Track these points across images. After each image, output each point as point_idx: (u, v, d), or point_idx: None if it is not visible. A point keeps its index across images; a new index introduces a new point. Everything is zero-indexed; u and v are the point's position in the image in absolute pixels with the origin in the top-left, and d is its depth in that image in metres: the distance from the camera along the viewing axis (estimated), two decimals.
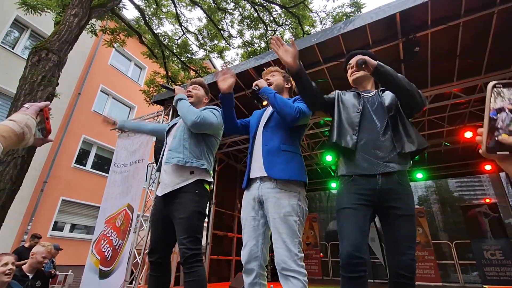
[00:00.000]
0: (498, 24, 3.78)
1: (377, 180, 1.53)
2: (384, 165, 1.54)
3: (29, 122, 0.77)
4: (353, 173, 1.60)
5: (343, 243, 1.47)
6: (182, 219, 1.74)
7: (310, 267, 8.65)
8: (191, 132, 2.00)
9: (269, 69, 2.11)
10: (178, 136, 2.00)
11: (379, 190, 1.52)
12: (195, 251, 1.69)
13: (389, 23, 3.94)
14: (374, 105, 1.74)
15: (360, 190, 1.55)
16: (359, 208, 1.53)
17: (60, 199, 9.66)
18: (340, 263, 1.46)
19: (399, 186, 1.52)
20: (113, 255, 4.90)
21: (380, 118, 1.67)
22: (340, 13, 7.19)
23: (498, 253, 6.67)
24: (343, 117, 1.74)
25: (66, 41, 4.64)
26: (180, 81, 9.04)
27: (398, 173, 1.54)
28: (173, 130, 2.13)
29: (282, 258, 1.49)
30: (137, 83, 13.53)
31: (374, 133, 1.63)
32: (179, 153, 1.91)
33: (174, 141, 1.99)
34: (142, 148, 5.65)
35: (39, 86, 3.94)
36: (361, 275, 1.39)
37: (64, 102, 9.90)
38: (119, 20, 7.77)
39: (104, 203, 5.79)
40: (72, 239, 9.72)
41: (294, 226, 1.57)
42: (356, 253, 1.39)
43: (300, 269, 1.48)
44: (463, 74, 4.67)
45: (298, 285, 1.44)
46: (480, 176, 8.61)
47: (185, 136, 1.99)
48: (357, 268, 1.39)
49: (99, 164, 11.41)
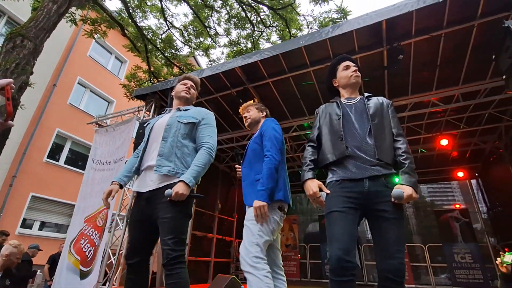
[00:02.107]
0: (477, 37, 3.95)
1: (364, 183, 1.55)
2: (371, 169, 1.57)
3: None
4: (341, 178, 1.62)
5: (333, 247, 1.46)
6: (167, 219, 1.64)
7: (289, 268, 8.68)
8: (186, 139, 1.89)
9: (244, 105, 2.40)
10: (170, 142, 1.85)
11: (366, 193, 1.54)
12: (179, 252, 1.61)
13: (375, 30, 4.03)
14: (357, 111, 1.77)
15: (348, 193, 1.57)
16: (348, 211, 1.53)
17: (30, 195, 9.14)
18: (329, 267, 1.45)
19: (386, 189, 1.54)
20: (93, 255, 4.72)
21: (362, 123, 1.71)
22: (326, 18, 7.28)
23: (467, 256, 7.00)
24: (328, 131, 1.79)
25: (43, 28, 4.39)
26: (163, 77, 8.81)
27: (385, 176, 1.57)
28: (159, 128, 1.93)
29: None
30: (117, 76, 13.08)
31: (358, 138, 1.67)
32: (169, 162, 1.78)
33: (165, 145, 1.83)
34: (124, 145, 5.45)
35: (12, 74, 3.69)
36: (350, 279, 1.39)
37: (38, 93, 9.40)
38: (101, 11, 7.47)
39: (81, 201, 5.53)
40: (41, 237, 9.20)
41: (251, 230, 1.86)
42: (346, 257, 1.39)
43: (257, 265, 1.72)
44: (442, 83, 4.85)
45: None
46: (450, 183, 9.03)
47: (178, 144, 1.85)
48: (346, 272, 1.39)
49: (73, 160, 10.91)
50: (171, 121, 1.93)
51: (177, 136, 1.86)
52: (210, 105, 5.82)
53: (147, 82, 8.64)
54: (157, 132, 1.93)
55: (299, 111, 5.85)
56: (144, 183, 1.82)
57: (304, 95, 5.43)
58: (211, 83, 5.30)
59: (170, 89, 5.24)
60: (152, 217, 1.72)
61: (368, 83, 4.89)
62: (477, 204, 8.12)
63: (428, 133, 6.59)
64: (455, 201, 8.84)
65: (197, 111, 2.02)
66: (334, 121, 1.78)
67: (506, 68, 3.14)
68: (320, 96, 5.31)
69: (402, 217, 1.53)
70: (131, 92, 8.47)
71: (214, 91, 5.54)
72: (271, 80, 5.10)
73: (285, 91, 5.38)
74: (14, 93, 3.84)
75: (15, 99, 3.94)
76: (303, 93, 5.37)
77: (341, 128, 1.72)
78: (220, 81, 5.26)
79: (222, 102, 5.79)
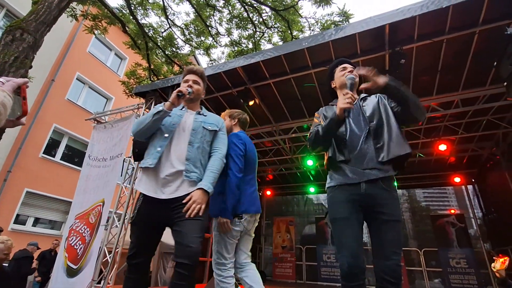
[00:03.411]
0: (479, 44, 3.98)
1: (361, 186, 1.58)
2: (368, 173, 1.59)
3: (5, 100, 0.66)
4: (340, 183, 1.66)
5: (343, 254, 1.51)
6: (197, 218, 1.61)
7: (285, 270, 8.67)
8: (209, 146, 1.87)
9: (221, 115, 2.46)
10: (196, 147, 1.80)
11: (364, 195, 1.57)
12: (200, 254, 1.61)
13: (378, 34, 4.03)
14: (354, 114, 1.78)
15: (348, 197, 1.61)
16: (352, 217, 1.57)
17: (25, 191, 9.06)
18: (341, 273, 1.52)
19: (384, 192, 1.56)
20: (83, 253, 4.65)
21: (360, 127, 1.72)
22: (328, 21, 7.29)
23: (462, 262, 7.04)
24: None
25: (43, 22, 4.35)
26: (162, 75, 8.78)
27: (382, 179, 1.58)
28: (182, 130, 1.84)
29: None
30: (116, 73, 13.02)
31: (356, 143, 1.68)
32: (196, 168, 1.74)
33: (192, 150, 1.77)
34: (122, 141, 5.40)
35: (11, 67, 3.65)
36: (361, 283, 1.45)
37: (36, 87, 9.32)
38: (102, 6, 7.42)
39: (76, 198, 5.47)
40: (34, 233, 9.11)
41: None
42: (357, 263, 1.46)
43: (216, 271, 2.06)
44: (442, 89, 4.88)
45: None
46: (445, 188, 9.09)
47: (203, 151, 1.82)
48: (357, 277, 1.45)
49: (70, 156, 10.82)
50: (196, 125, 1.86)
51: (203, 143, 1.83)
52: (210, 104, 5.80)
53: (146, 80, 8.60)
54: (180, 134, 1.84)
55: (299, 113, 5.84)
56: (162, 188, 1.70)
57: (304, 97, 5.43)
58: (212, 82, 5.27)
59: (171, 87, 5.21)
60: (164, 220, 1.68)
61: None
62: (473, 209, 8.17)
63: (426, 138, 6.62)
64: (450, 206, 8.87)
65: (216, 119, 2.02)
66: None
67: (507, 75, 3.17)
68: (321, 98, 5.31)
69: (400, 220, 1.56)
70: (130, 89, 8.42)
71: (215, 90, 5.52)
72: (273, 81, 5.09)
73: (286, 92, 5.38)
74: None
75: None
76: (304, 94, 5.36)
77: (343, 132, 1.74)
78: (221, 81, 5.24)
79: (222, 102, 5.77)
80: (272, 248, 9.43)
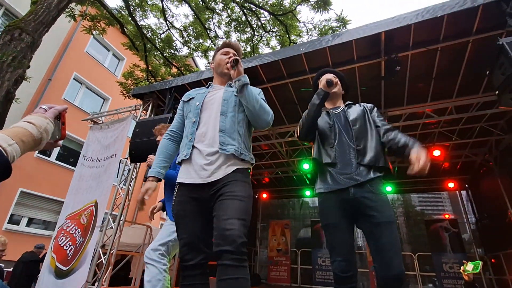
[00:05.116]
0: (472, 52, 4.06)
1: (349, 191, 1.62)
2: (355, 178, 1.63)
3: (48, 127, 0.74)
4: (329, 189, 1.69)
5: (335, 259, 1.56)
6: (239, 197, 1.35)
7: (280, 273, 8.67)
8: (244, 115, 1.59)
9: None
10: (231, 117, 1.55)
11: (352, 199, 1.60)
12: (245, 239, 1.27)
13: (374, 41, 4.10)
14: (342, 121, 1.86)
15: (337, 202, 1.65)
16: (342, 222, 1.61)
17: (19, 191, 8.99)
18: (334, 277, 1.56)
19: (372, 194, 1.58)
20: (74, 254, 4.60)
21: (348, 132, 1.79)
22: (326, 26, 7.38)
23: (455, 266, 7.10)
24: (322, 136, 1.87)
25: (42, 22, 4.37)
26: (160, 77, 8.79)
27: (369, 181, 1.62)
28: (211, 104, 1.62)
29: None
30: (114, 74, 12.99)
31: (344, 148, 1.74)
32: (233, 140, 1.49)
33: (226, 120, 1.53)
34: (117, 142, 5.39)
35: (9, 67, 3.66)
36: (353, 286, 1.49)
37: (33, 86, 9.27)
38: (101, 7, 7.44)
39: (68, 198, 5.44)
40: (28, 234, 9.04)
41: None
42: (348, 267, 1.51)
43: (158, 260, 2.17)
44: (436, 96, 4.95)
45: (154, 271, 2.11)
46: (440, 193, 9.17)
47: (239, 119, 1.57)
48: (350, 280, 1.49)
49: (65, 156, 10.77)
50: (227, 95, 1.63)
51: (237, 112, 1.58)
52: None
53: (144, 81, 8.60)
54: (209, 109, 1.61)
55: (296, 117, 5.88)
56: (198, 172, 1.46)
57: (301, 101, 5.47)
58: None
59: (168, 90, 5.23)
60: (209, 206, 1.42)
61: (364, 92, 4.96)
62: (467, 214, 8.27)
63: (421, 144, 6.68)
64: (444, 211, 8.96)
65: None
66: (326, 130, 1.86)
67: (499, 84, 3.23)
68: None
69: (392, 221, 1.54)
70: (128, 90, 8.42)
71: None
72: (270, 85, 5.13)
73: (283, 96, 5.42)
74: (10, 87, 3.79)
75: (10, 92, 3.90)
76: (300, 99, 5.41)
77: (332, 137, 1.81)
78: None
79: None
80: (267, 251, 9.44)
